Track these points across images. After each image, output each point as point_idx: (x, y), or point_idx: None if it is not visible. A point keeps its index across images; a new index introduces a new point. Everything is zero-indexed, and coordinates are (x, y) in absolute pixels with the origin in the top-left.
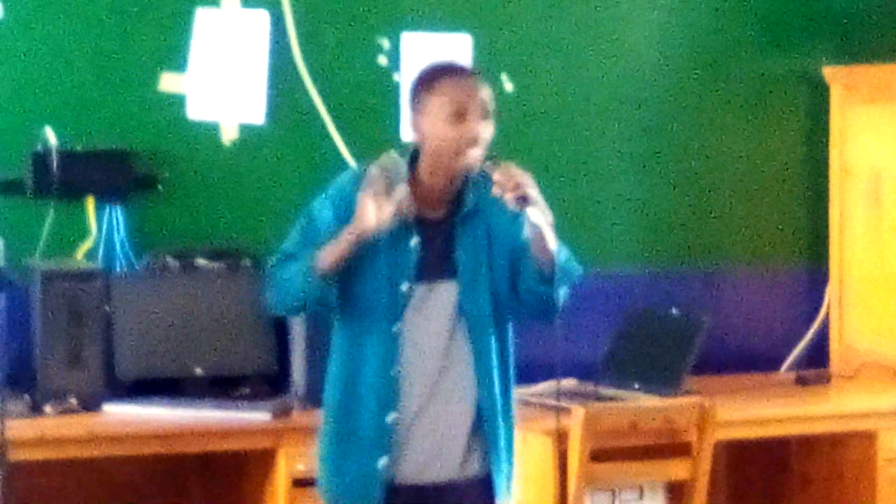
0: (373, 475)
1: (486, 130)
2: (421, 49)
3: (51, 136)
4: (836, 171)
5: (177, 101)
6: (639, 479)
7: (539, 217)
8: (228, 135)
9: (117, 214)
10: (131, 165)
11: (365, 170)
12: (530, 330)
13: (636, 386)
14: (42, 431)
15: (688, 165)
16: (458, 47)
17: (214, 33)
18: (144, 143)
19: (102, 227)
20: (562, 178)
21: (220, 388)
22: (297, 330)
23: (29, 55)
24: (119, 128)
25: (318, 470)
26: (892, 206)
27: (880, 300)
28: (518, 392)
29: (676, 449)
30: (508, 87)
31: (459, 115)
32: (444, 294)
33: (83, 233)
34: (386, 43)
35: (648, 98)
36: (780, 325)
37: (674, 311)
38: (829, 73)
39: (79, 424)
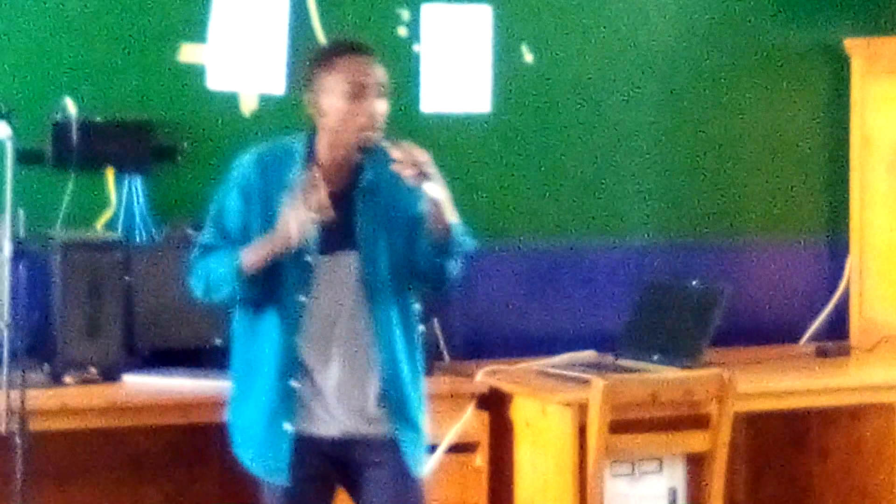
0: (280, 437)
1: (382, 107)
2: (441, 20)
3: (71, 106)
4: (857, 143)
5: (197, 72)
6: (658, 451)
7: (437, 192)
8: (248, 105)
9: (137, 185)
10: (151, 136)
11: (262, 152)
12: (551, 302)
13: (655, 358)
14: (62, 401)
15: (708, 136)
16: (477, 18)
17: (234, 3)
18: (164, 113)
19: (122, 197)
20: (581, 150)
21: None
22: None
23: (49, 25)
24: (139, 98)
25: (230, 437)
26: None
27: None
28: (538, 363)
29: (696, 421)
30: (528, 58)
31: (357, 93)
32: (347, 265)
33: (103, 203)
34: (406, 14)
35: (668, 69)
36: (800, 297)
37: (693, 282)
38: (850, 44)
39: (98, 394)
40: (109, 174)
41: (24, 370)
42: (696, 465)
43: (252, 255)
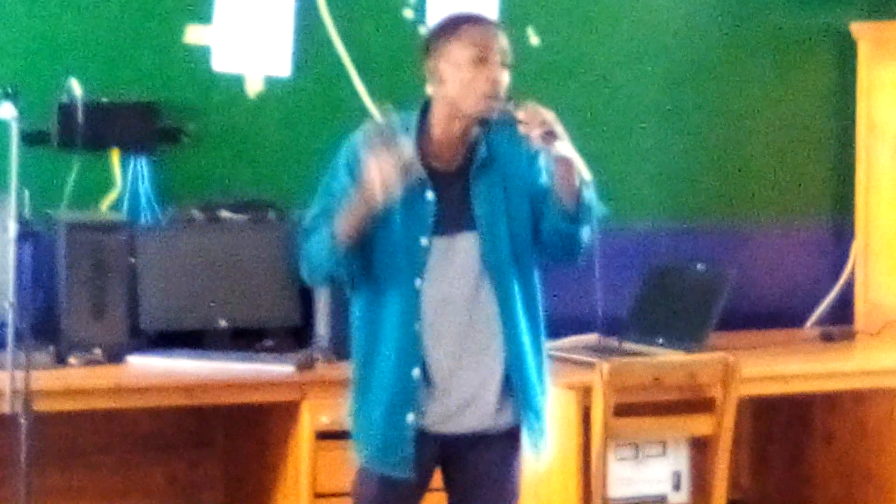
0: (402, 429)
1: (505, 77)
2: (447, 2)
3: (76, 87)
4: (863, 127)
5: (202, 53)
6: (662, 435)
7: (568, 150)
8: (254, 87)
9: (142, 166)
10: (156, 117)
11: (369, 134)
12: (555, 285)
13: (660, 341)
14: (66, 382)
15: (714, 120)
16: (483, 1)
17: None
18: (170, 95)
19: (127, 178)
20: (586, 132)
21: (244, 340)
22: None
23: (55, 5)
24: (144, 79)
25: (350, 426)
26: None
27: None
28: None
29: (700, 404)
30: (534, 40)
31: (481, 60)
32: (466, 246)
33: (108, 184)
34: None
35: (675, 52)
36: (806, 281)
37: (698, 266)
38: (857, 28)
39: (103, 376)
40: (114, 155)
41: (29, 351)
42: (701, 448)
43: (342, 221)
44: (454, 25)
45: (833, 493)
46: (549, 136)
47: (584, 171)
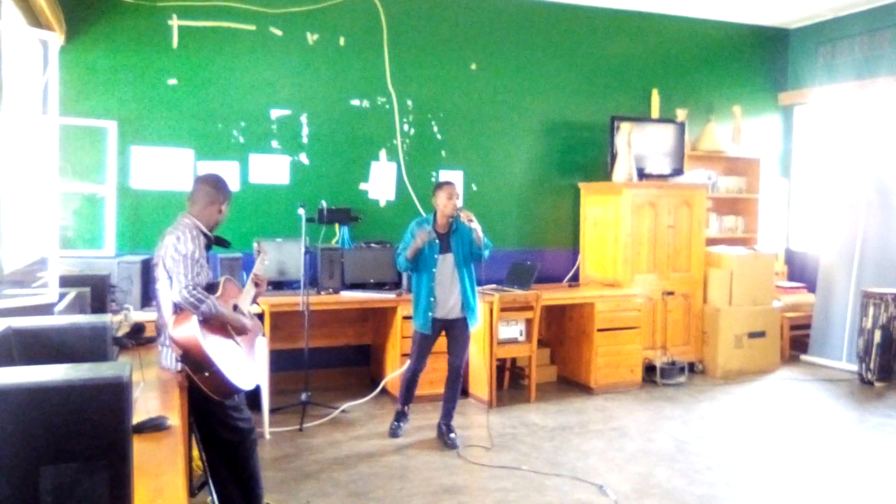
0: (427, 317)
1: (458, 202)
2: (446, 176)
3: (324, 203)
4: (583, 218)
5: (366, 192)
6: (516, 318)
7: (476, 227)
8: (381, 203)
9: (346, 230)
10: (350, 213)
11: (419, 222)
12: (485, 271)
13: (516, 287)
14: (321, 300)
15: (535, 215)
16: (457, 177)
17: (379, 168)
18: (355, 205)
19: (342, 232)
20: (490, 219)
21: (381, 286)
22: (404, 275)
23: (313, 172)
24: (347, 200)
25: (413, 317)
26: (601, 231)
27: (595, 261)
28: (479, 289)
29: (528, 308)
30: (475, 188)
31: (449, 196)
32: (449, 257)
33: (333, 235)
34: (434, 173)
35: (522, 187)
36: (563, 268)
37: (528, 262)
38: (581, 185)
39: (333, 298)
40: (337, 225)
41: (307, 289)
42: (529, 322)
43: (409, 251)
44: (440, 186)
45: (573, 337)
46: (470, 221)
47: (480, 232)
